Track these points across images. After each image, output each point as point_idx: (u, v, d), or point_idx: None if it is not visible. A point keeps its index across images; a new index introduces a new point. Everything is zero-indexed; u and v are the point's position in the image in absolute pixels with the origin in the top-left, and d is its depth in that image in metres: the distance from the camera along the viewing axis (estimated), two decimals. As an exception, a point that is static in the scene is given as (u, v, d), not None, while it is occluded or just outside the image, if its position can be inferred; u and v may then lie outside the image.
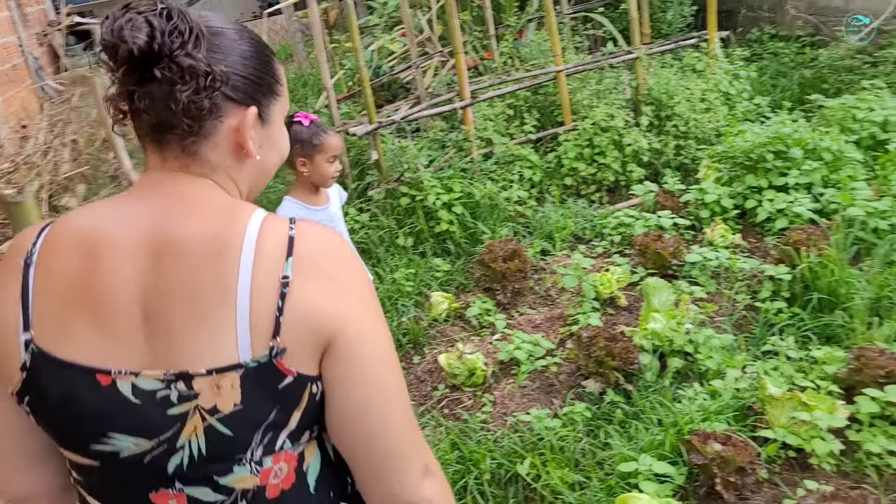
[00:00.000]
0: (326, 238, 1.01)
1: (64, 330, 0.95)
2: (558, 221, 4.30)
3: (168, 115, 0.95)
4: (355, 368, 0.97)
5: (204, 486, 0.98)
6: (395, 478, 1.02)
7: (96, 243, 0.96)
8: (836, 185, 4.09)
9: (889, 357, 2.76)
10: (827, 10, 6.27)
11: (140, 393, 0.94)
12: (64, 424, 0.98)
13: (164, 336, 0.93)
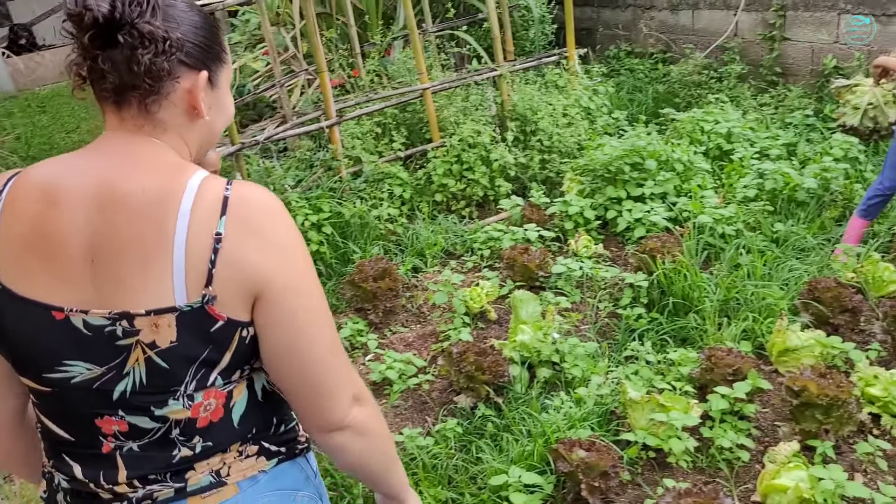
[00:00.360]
0: (260, 198, 1.09)
1: (24, 270, 1.06)
2: (429, 238, 4.33)
3: (130, 76, 1.05)
4: (283, 317, 1.10)
5: (142, 416, 1.11)
6: (327, 407, 1.16)
7: (54, 193, 1.06)
8: (687, 194, 4.33)
9: (736, 355, 2.94)
10: (676, 28, 6.66)
11: (90, 327, 1.06)
12: (22, 354, 1.11)
13: (110, 279, 1.05)
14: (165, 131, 1.13)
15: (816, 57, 5.70)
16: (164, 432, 1.13)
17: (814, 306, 3.28)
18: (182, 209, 1.04)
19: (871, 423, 2.74)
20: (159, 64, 1.06)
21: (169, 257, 1.04)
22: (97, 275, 1.05)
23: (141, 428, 1.12)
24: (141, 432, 1.13)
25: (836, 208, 4.21)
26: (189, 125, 1.15)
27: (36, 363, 1.10)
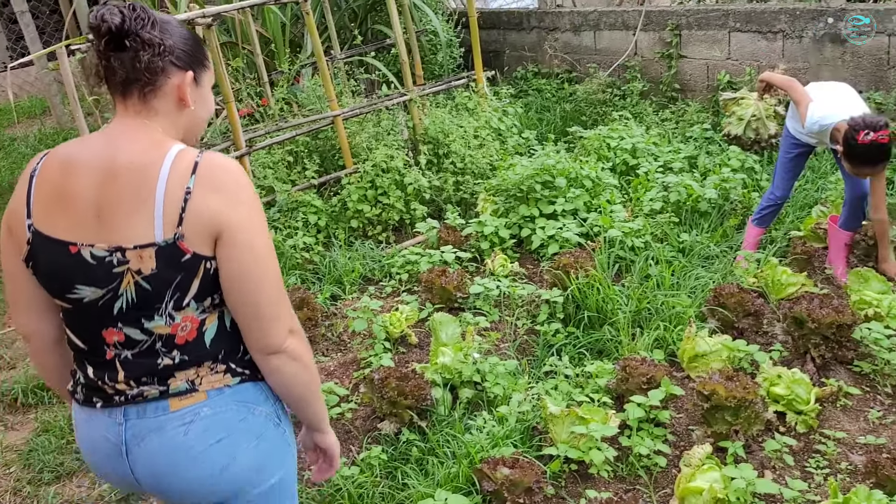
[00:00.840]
0: (222, 163, 1.47)
1: (50, 219, 1.47)
2: (346, 265, 4.31)
3: (133, 72, 1.45)
4: (235, 252, 1.45)
5: (134, 328, 1.49)
6: (268, 332, 1.50)
7: (71, 166, 1.47)
8: (597, 210, 4.46)
9: (650, 364, 3.03)
10: (579, 49, 6.87)
11: (95, 258, 1.44)
12: (49, 279, 1.50)
13: (109, 224, 1.43)
14: (157, 115, 1.51)
15: (711, 73, 5.97)
16: (151, 344, 1.50)
17: (720, 312, 3.41)
18: (162, 172, 1.42)
19: (777, 421, 2.86)
20: (156, 63, 1.46)
21: (151, 207, 1.42)
22: (100, 221, 1.44)
23: (134, 339, 1.51)
24: (134, 343, 1.51)
25: (737, 217, 4.40)
26: (177, 113, 1.54)
27: (60, 286, 1.50)
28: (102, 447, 1.58)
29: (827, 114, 3.48)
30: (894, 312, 3.34)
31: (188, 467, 1.54)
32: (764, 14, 5.56)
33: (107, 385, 1.54)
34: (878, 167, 3.38)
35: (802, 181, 4.72)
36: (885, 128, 3.25)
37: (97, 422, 1.57)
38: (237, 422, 1.56)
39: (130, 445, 1.54)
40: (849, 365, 3.14)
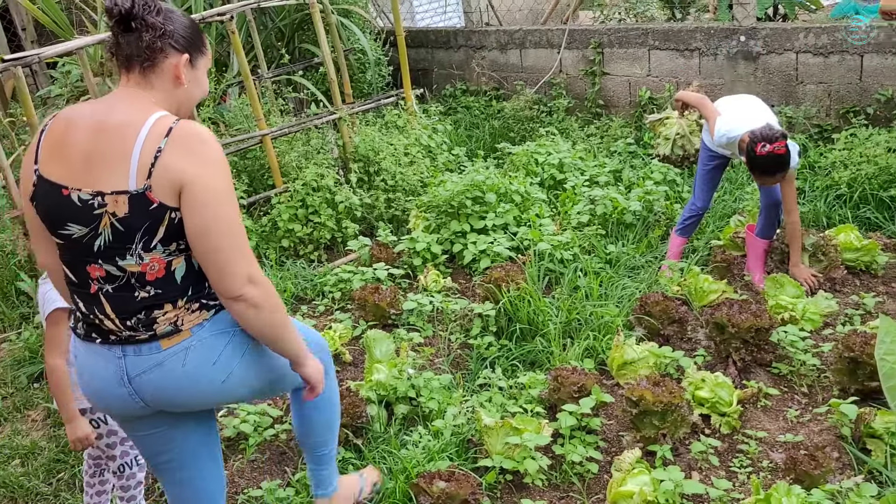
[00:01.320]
0: (193, 128, 1.71)
1: (50, 164, 1.74)
2: (278, 285, 4.27)
3: (136, 50, 1.75)
4: (197, 205, 1.68)
5: (111, 265, 1.74)
6: (228, 280, 1.73)
7: (72, 121, 1.75)
8: (526, 224, 4.54)
9: (581, 373, 3.10)
10: (506, 66, 7.00)
11: (81, 200, 1.70)
12: (46, 216, 1.76)
13: (94, 172, 1.69)
14: (153, 89, 1.79)
15: (633, 89, 6.17)
16: (126, 279, 1.76)
17: (646, 320, 3.51)
18: (141, 132, 1.68)
19: (703, 424, 2.96)
20: (156, 44, 1.75)
21: (128, 161, 1.67)
22: (87, 169, 1.70)
23: (112, 275, 1.76)
24: (113, 278, 1.76)
25: (660, 228, 4.55)
26: (173, 89, 1.81)
27: (54, 223, 1.76)
28: (103, 376, 1.85)
29: (732, 127, 3.65)
30: (808, 316, 3.50)
31: (192, 388, 1.85)
32: (681, 33, 5.78)
33: (97, 318, 1.81)
34: (777, 177, 3.54)
35: (721, 192, 4.91)
36: (781, 139, 3.42)
37: (97, 355, 1.84)
38: (223, 346, 1.85)
39: (132, 376, 1.82)
40: (768, 367, 3.27)
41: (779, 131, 3.46)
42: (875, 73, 5.01)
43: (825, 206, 4.55)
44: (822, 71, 5.21)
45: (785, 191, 3.68)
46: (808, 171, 4.91)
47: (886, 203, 4.45)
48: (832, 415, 2.91)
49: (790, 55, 5.31)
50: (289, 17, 6.22)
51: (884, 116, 5.03)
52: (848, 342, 2.98)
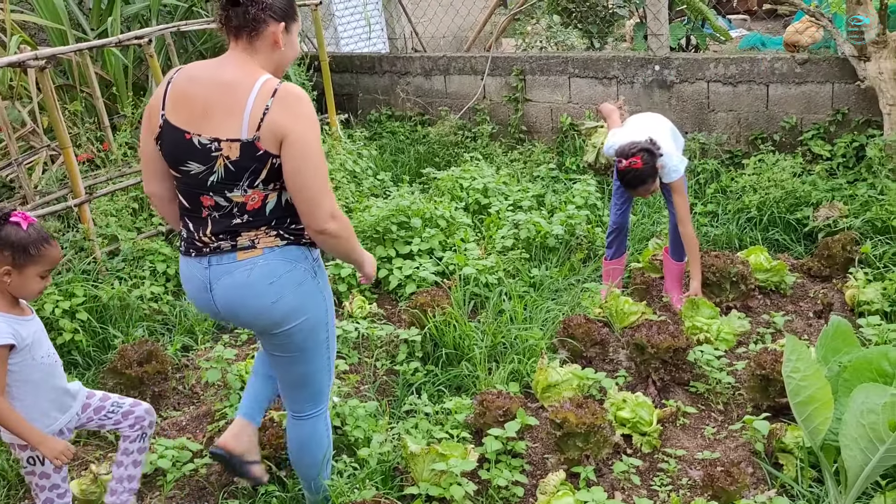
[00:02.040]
0: (293, 90, 2.11)
1: (175, 112, 2.14)
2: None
3: (244, 21, 2.12)
4: (293, 152, 2.08)
5: (220, 196, 2.15)
6: (313, 215, 2.14)
7: (193, 76, 2.16)
8: (452, 248, 4.56)
9: (506, 397, 3.12)
10: (431, 92, 7.07)
11: (200, 144, 2.10)
12: (170, 155, 2.17)
13: (212, 121, 2.09)
14: (257, 53, 2.17)
15: (555, 115, 6.31)
16: (230, 208, 2.17)
17: (569, 342, 3.57)
18: (252, 92, 2.08)
19: (625, 444, 3.02)
20: (259, 16, 2.13)
21: (241, 114, 2.07)
22: (206, 118, 2.10)
23: (220, 204, 2.17)
24: (220, 207, 2.18)
25: (582, 251, 4.64)
26: (272, 52, 2.19)
27: (176, 160, 2.16)
28: (195, 284, 2.29)
29: (615, 141, 3.79)
30: (723, 336, 3.62)
31: (250, 299, 2.23)
32: (599, 61, 5.96)
33: (198, 237, 2.22)
34: (640, 189, 3.68)
35: (639, 216, 5.06)
36: (635, 155, 3.56)
37: (193, 267, 2.28)
38: (284, 272, 2.23)
39: (212, 283, 2.24)
40: (685, 386, 3.37)
41: (636, 147, 3.59)
42: (780, 101, 5.27)
43: (737, 229, 4.74)
44: (732, 99, 5.44)
45: (675, 202, 3.81)
46: (721, 195, 5.11)
47: (793, 225, 4.66)
48: (746, 431, 3.00)
49: (702, 84, 5.53)
50: (211, 41, 6.13)
51: (789, 143, 5.29)
52: (759, 360, 3.10)
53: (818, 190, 4.71)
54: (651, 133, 3.74)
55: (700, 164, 5.42)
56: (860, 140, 4.92)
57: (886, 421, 2.14)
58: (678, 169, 3.72)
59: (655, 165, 3.62)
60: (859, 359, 2.48)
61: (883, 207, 4.34)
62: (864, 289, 3.80)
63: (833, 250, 4.18)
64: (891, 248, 4.13)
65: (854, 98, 4.99)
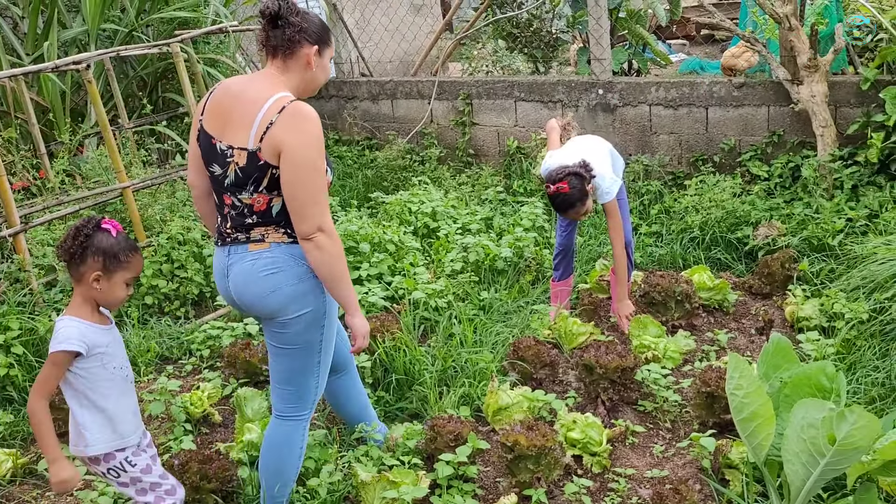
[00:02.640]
0: (300, 108, 2.31)
1: (208, 119, 2.42)
2: (141, 344, 4.06)
3: (280, 41, 2.38)
4: (286, 166, 2.30)
5: (234, 197, 2.41)
6: (301, 223, 2.33)
7: (226, 90, 2.43)
8: (401, 273, 4.55)
9: (457, 422, 3.10)
10: (378, 116, 7.08)
11: (220, 150, 2.38)
12: (202, 156, 2.46)
13: (230, 130, 2.36)
14: (288, 71, 2.41)
15: (502, 139, 6.38)
16: (242, 209, 2.42)
17: (519, 365, 3.58)
18: (263, 107, 2.30)
19: (575, 464, 3.03)
20: (295, 37, 2.37)
21: (251, 127, 2.30)
22: (226, 128, 2.37)
23: (235, 204, 2.42)
24: (235, 206, 2.43)
25: (531, 273, 4.68)
26: (303, 73, 2.43)
27: (206, 162, 2.45)
28: (219, 271, 2.54)
29: (549, 164, 3.85)
30: (669, 354, 3.68)
31: (252, 285, 2.44)
32: (544, 85, 6.05)
33: (224, 230, 2.50)
34: (570, 212, 3.74)
35: (586, 237, 5.12)
36: (562, 180, 3.62)
37: (218, 255, 2.54)
38: (286, 266, 2.43)
39: (229, 269, 2.49)
40: (634, 405, 3.40)
41: (562, 173, 3.65)
42: (719, 124, 5.42)
43: (681, 249, 4.84)
44: (673, 122, 5.58)
45: (608, 223, 3.87)
46: (665, 215, 5.21)
47: (734, 244, 4.78)
48: (693, 448, 3.04)
49: (644, 107, 5.66)
50: (151, 66, 6.05)
51: (728, 164, 5.43)
52: (705, 378, 3.15)
53: (757, 209, 4.84)
54: (587, 155, 3.78)
55: (644, 185, 5.53)
56: (795, 161, 5.08)
57: (826, 435, 2.19)
58: (610, 191, 3.77)
59: (585, 188, 3.66)
60: (799, 375, 2.54)
61: (818, 226, 4.49)
62: (802, 305, 3.91)
63: (772, 268, 4.29)
64: (827, 265, 4.26)
65: (789, 120, 5.17)
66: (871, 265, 3.74)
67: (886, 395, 3.11)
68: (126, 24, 5.91)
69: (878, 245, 3.81)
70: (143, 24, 5.98)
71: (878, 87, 4.73)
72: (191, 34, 5.24)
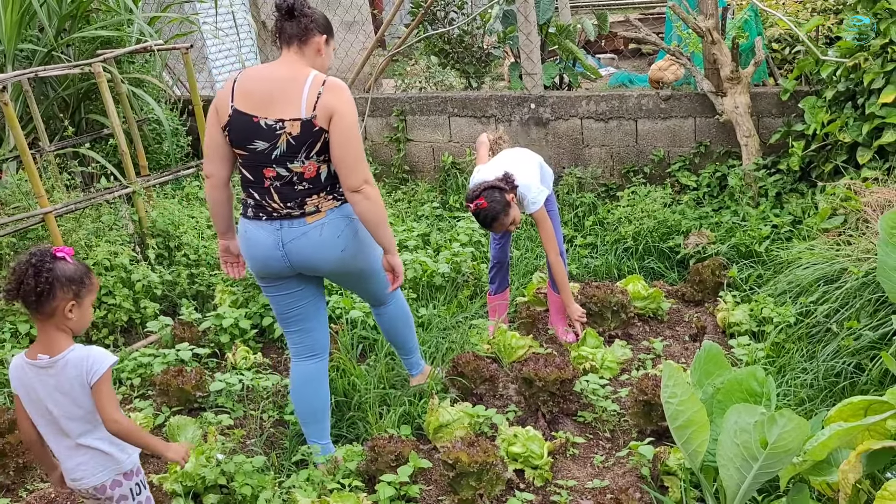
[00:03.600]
0: (340, 83, 2.71)
1: (242, 101, 2.71)
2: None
3: (297, 31, 2.75)
4: (337, 127, 2.67)
5: (282, 167, 2.73)
6: (353, 177, 2.71)
7: (253, 76, 2.76)
8: (338, 292, 4.48)
9: (398, 441, 3.07)
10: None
11: (268, 125, 2.69)
12: (238, 137, 2.72)
13: (274, 106, 2.69)
14: (304, 58, 2.77)
15: (437, 155, 6.38)
16: (290, 177, 2.74)
17: (459, 381, 3.56)
18: (307, 82, 2.68)
19: (517, 479, 3.02)
20: (309, 28, 2.75)
21: (299, 100, 2.66)
22: (270, 105, 2.68)
23: (281, 174, 2.73)
24: (281, 177, 2.74)
25: (469, 287, 4.67)
26: (314, 59, 2.79)
27: (244, 140, 2.71)
28: (264, 244, 2.84)
29: (473, 178, 3.87)
30: (607, 364, 3.72)
31: (325, 251, 2.86)
32: (477, 101, 6.10)
33: (268, 204, 2.78)
34: (494, 226, 3.73)
35: (522, 250, 5.16)
36: (479, 196, 3.65)
37: (262, 229, 2.83)
38: (344, 226, 2.86)
39: (285, 243, 2.82)
40: (574, 416, 3.42)
41: (477, 191, 3.68)
42: (648, 136, 5.55)
43: (615, 259, 4.91)
44: (604, 135, 5.68)
45: (540, 233, 3.89)
46: (599, 227, 5.29)
47: (666, 253, 4.88)
48: (633, 456, 3.07)
49: (576, 121, 5.75)
50: (74, 87, 5.86)
51: (658, 175, 5.56)
52: (641, 386, 3.19)
53: (687, 219, 4.96)
54: (510, 167, 3.80)
55: (577, 197, 5.61)
56: (722, 170, 5.23)
57: (758, 439, 2.23)
58: (537, 201, 3.79)
59: (505, 200, 3.67)
60: (730, 380, 2.59)
61: (746, 233, 4.62)
62: (733, 311, 4.00)
63: (703, 276, 4.39)
64: (755, 271, 4.38)
65: (714, 131, 5.32)
66: (797, 270, 3.86)
67: (815, 395, 3.20)
68: (45, 44, 5.72)
69: (802, 250, 3.94)
70: (64, 44, 5.79)
71: (798, 98, 4.92)
72: (113, 53, 5.10)
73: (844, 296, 3.46)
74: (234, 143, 2.73)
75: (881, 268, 2.45)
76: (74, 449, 2.28)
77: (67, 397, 2.21)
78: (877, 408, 2.31)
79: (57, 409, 2.22)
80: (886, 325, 3.16)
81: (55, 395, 2.20)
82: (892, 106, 4.20)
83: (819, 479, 2.41)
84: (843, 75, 4.49)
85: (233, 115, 2.69)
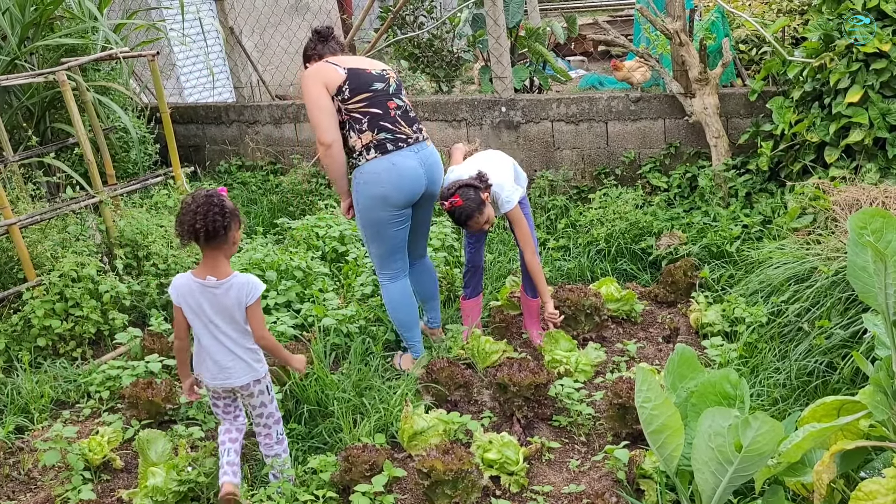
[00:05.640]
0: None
1: (354, 66, 3.56)
2: (34, 390, 3.81)
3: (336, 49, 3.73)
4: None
5: (399, 99, 3.63)
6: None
7: (340, 57, 3.67)
8: (310, 299, 4.44)
9: (372, 450, 3.03)
10: (282, 141, 6.95)
11: (378, 73, 3.61)
12: (359, 84, 3.52)
13: (376, 66, 3.65)
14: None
15: (408, 159, 6.35)
16: (405, 107, 3.63)
17: (433, 387, 3.54)
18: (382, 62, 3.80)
19: (493, 486, 3.00)
20: (337, 49, 3.73)
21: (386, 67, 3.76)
22: (370, 66, 3.60)
23: (400, 104, 3.59)
24: (400, 107, 3.59)
25: (442, 292, 4.64)
26: None
27: (366, 85, 3.52)
28: (410, 166, 3.51)
29: (448, 177, 3.84)
30: (581, 367, 3.71)
31: (441, 170, 3.71)
32: (448, 104, 6.08)
33: (399, 132, 3.50)
34: (469, 224, 3.72)
35: (495, 254, 5.14)
36: (454, 194, 3.64)
37: (406, 156, 3.50)
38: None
39: (425, 163, 3.56)
40: (549, 421, 3.41)
41: (451, 189, 3.68)
42: (618, 138, 5.57)
43: (588, 261, 4.92)
44: (575, 137, 5.69)
45: (514, 232, 3.89)
46: (571, 229, 5.30)
47: (638, 255, 4.89)
48: (608, 460, 3.07)
49: (546, 124, 5.76)
50: (38, 95, 5.75)
51: (629, 176, 5.58)
52: (616, 389, 3.18)
53: (659, 220, 4.98)
54: (484, 166, 3.79)
55: (550, 200, 5.61)
56: (692, 171, 5.26)
57: (733, 442, 2.23)
58: (511, 200, 3.78)
59: (480, 198, 3.66)
60: (704, 383, 2.59)
61: (717, 233, 4.64)
62: (705, 312, 4.02)
63: (676, 277, 4.41)
64: (727, 271, 4.41)
65: (684, 132, 5.35)
66: (767, 269, 3.89)
67: (788, 395, 3.22)
68: (8, 53, 5.60)
69: (772, 250, 3.97)
70: (27, 52, 5.68)
71: (765, 98, 4.96)
72: (78, 61, 5.01)
73: (815, 294, 3.49)
74: (357, 91, 3.44)
75: (851, 267, 2.46)
76: (227, 353, 2.82)
77: (227, 312, 2.78)
78: (850, 408, 2.32)
79: (220, 320, 2.78)
80: (857, 323, 3.19)
81: (218, 309, 2.77)
82: (858, 105, 4.25)
83: (794, 479, 2.42)
84: (809, 75, 4.54)
85: (349, 73, 3.44)
